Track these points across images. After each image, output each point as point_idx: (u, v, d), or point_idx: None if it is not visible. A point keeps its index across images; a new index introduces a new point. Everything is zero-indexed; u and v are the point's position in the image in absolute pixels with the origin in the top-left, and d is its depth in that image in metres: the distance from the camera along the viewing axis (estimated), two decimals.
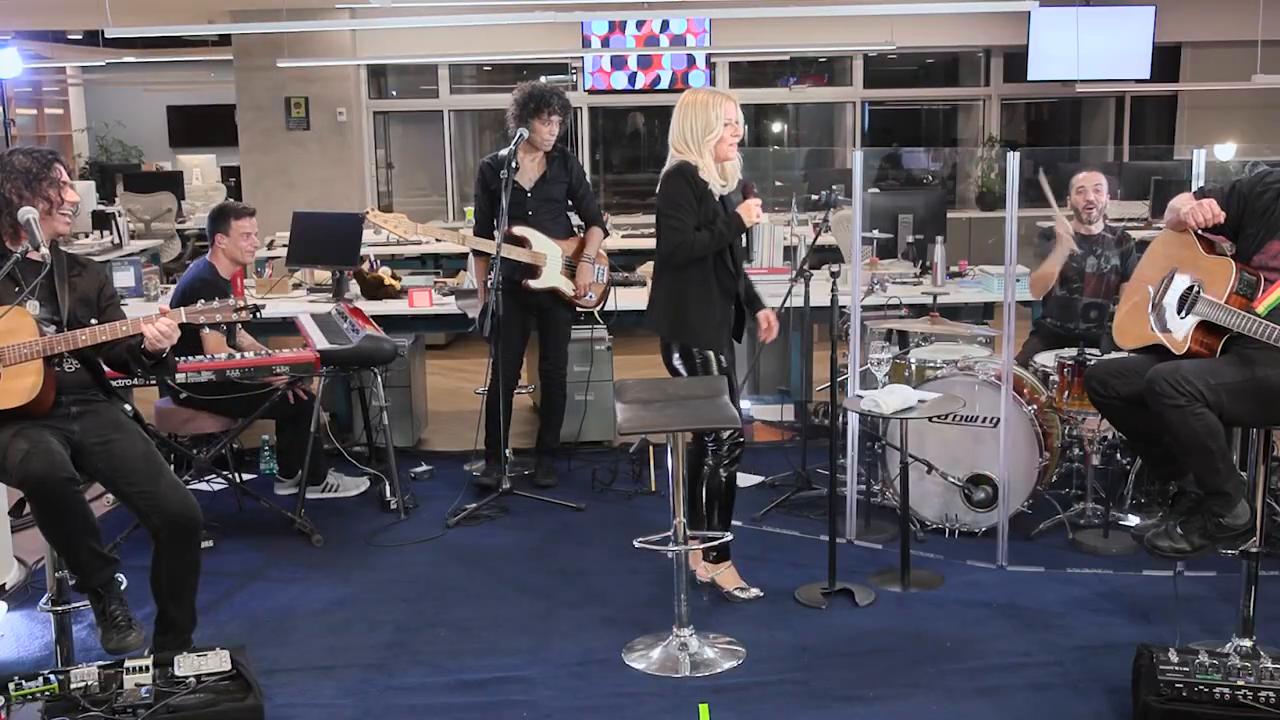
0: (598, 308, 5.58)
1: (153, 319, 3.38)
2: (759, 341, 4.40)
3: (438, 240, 5.49)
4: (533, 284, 5.31)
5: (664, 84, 10.66)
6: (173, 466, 4.40)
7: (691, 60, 10.58)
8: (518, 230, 5.23)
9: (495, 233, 5.11)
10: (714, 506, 4.19)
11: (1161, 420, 3.23)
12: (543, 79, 11.82)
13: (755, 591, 4.21)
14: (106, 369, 3.64)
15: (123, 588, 3.52)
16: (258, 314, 3.58)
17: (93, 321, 3.51)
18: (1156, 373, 3.20)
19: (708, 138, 4.02)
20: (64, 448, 3.39)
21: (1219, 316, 3.28)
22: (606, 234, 5.70)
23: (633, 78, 10.55)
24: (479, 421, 5.47)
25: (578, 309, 5.52)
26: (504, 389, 5.32)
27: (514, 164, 5.14)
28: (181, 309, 3.44)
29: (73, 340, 3.38)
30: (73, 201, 3.51)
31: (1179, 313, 3.40)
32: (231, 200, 5.17)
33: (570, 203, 5.49)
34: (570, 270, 5.41)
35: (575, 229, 5.55)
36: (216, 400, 4.78)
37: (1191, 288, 3.39)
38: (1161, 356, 3.42)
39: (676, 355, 4.13)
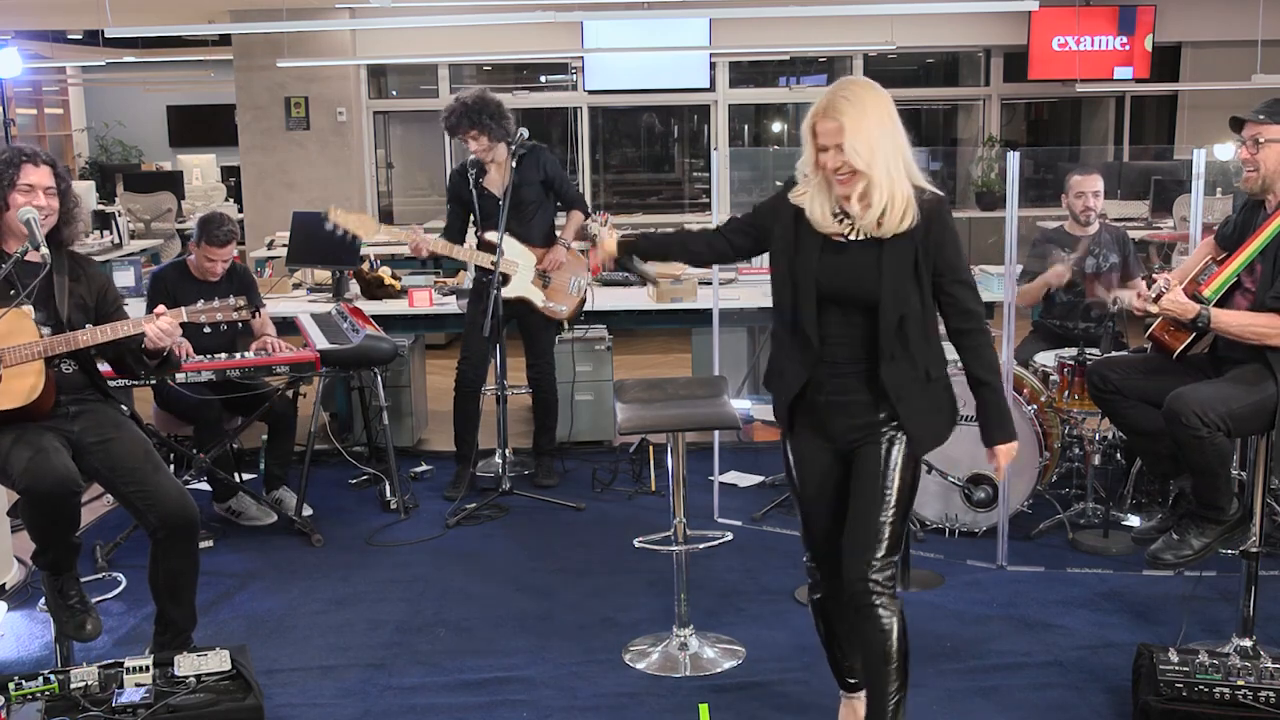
0: (567, 320, 5.46)
1: (153, 318, 3.38)
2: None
3: (400, 244, 5.42)
4: (504, 293, 5.15)
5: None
6: (172, 467, 4.40)
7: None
8: (490, 236, 5.16)
9: (476, 238, 5.16)
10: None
11: (1181, 446, 3.30)
12: (542, 79, 11.85)
13: None
14: (107, 369, 3.64)
15: (122, 588, 3.52)
16: (257, 313, 3.58)
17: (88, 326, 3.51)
18: (1183, 405, 3.23)
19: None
20: (67, 449, 3.39)
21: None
22: (588, 215, 5.53)
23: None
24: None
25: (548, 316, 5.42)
26: (465, 390, 5.32)
27: (477, 171, 5.12)
28: (182, 309, 3.45)
29: (73, 341, 3.38)
30: (37, 206, 3.40)
31: None
32: (222, 219, 4.91)
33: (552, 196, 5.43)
34: (543, 280, 5.35)
35: (557, 231, 5.47)
36: (192, 407, 4.77)
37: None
38: (1160, 353, 3.49)
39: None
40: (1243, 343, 3.31)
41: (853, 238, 2.85)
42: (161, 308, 3.43)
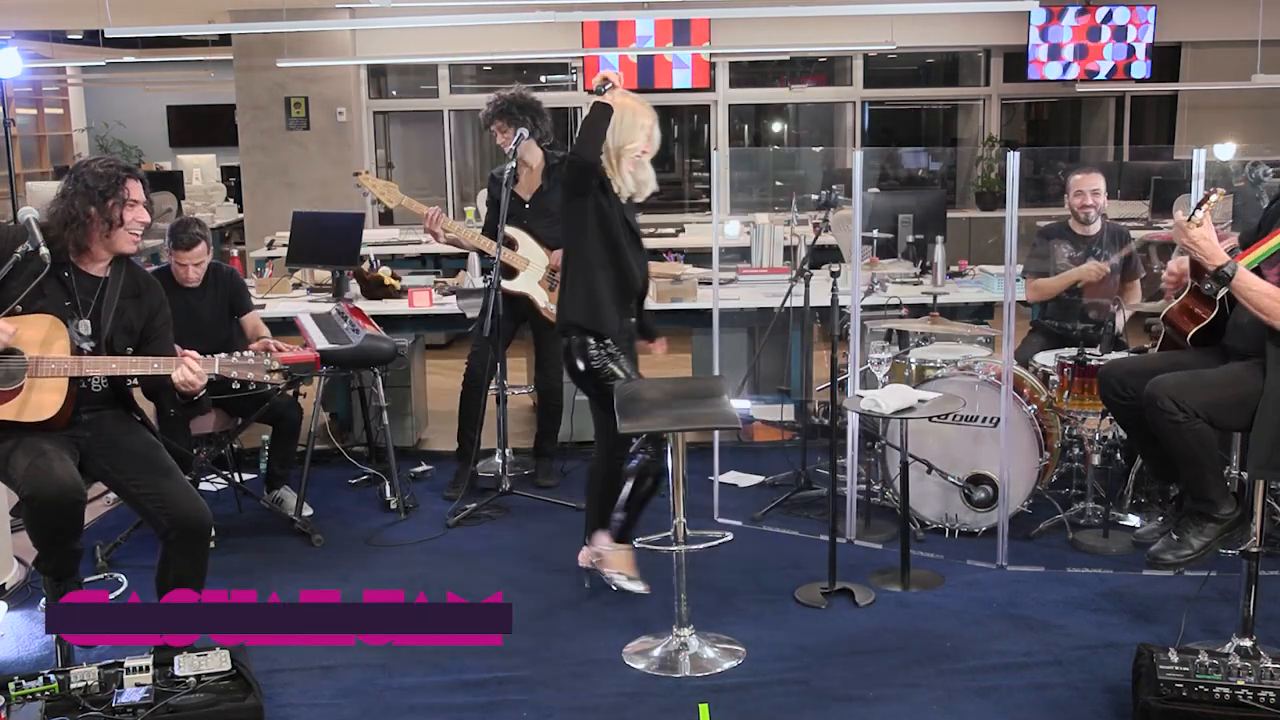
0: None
1: (182, 360, 3.36)
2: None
3: (420, 212, 5.51)
4: (507, 285, 5.20)
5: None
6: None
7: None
8: (510, 231, 5.22)
9: (518, 230, 5.21)
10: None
11: (1160, 433, 3.28)
12: (542, 79, 11.85)
13: (643, 587, 4.13)
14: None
15: (123, 588, 3.52)
16: (287, 380, 3.57)
17: (129, 350, 3.50)
18: (1160, 389, 3.22)
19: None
20: (74, 454, 3.38)
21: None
22: None
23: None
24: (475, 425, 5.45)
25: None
26: (472, 386, 5.35)
27: (510, 175, 5.16)
28: (215, 359, 3.40)
29: (103, 366, 3.37)
30: (141, 221, 3.48)
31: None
32: (188, 223, 4.97)
33: None
34: (550, 282, 5.37)
35: None
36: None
37: None
38: (1173, 337, 3.47)
39: None
40: (1251, 328, 3.26)
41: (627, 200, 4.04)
42: (194, 353, 3.40)
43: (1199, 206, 3.21)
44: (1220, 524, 3.37)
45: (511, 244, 5.25)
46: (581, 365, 4.05)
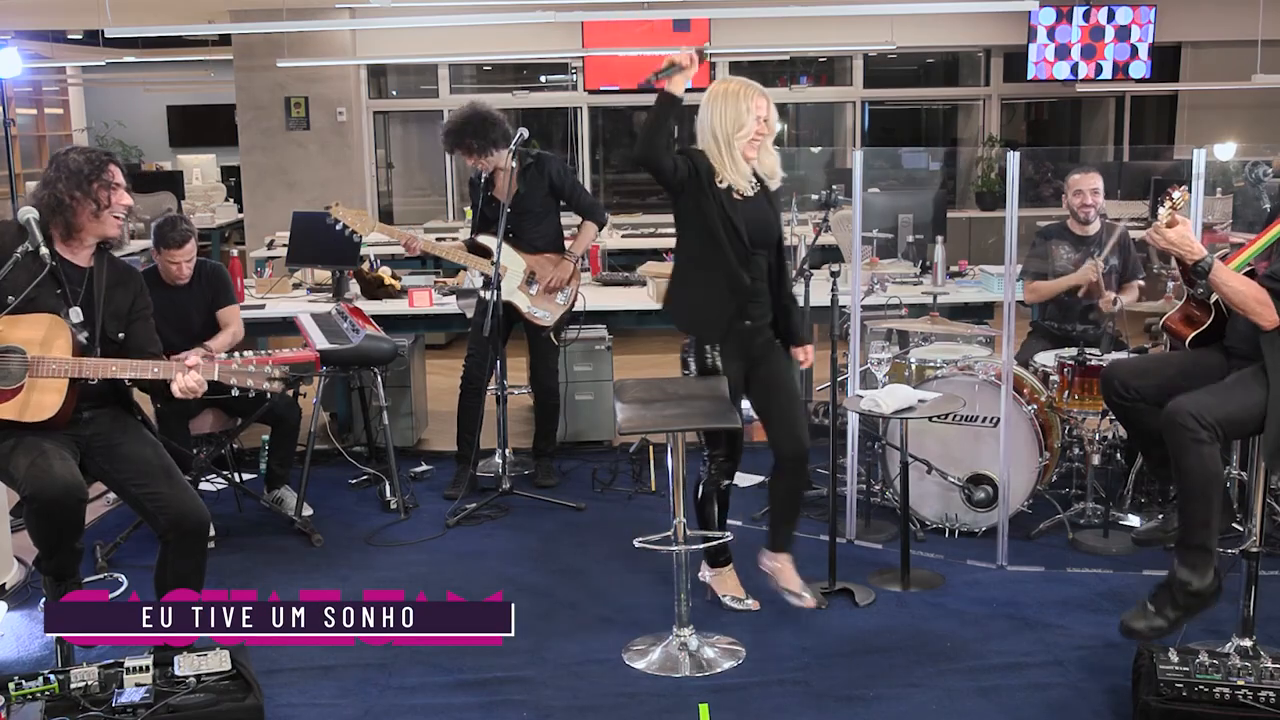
0: (549, 331, 5.43)
1: (184, 367, 3.36)
2: None
3: (399, 241, 5.42)
4: (487, 295, 5.16)
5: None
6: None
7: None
8: (482, 239, 5.21)
9: (494, 239, 5.15)
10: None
11: (1177, 455, 3.23)
12: (542, 79, 11.85)
13: (752, 603, 4.15)
14: None
15: (123, 588, 3.51)
16: (289, 386, 3.57)
17: (120, 335, 3.50)
18: (1180, 407, 3.20)
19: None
20: (74, 453, 3.38)
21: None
22: (602, 225, 5.55)
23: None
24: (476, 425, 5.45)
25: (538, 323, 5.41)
26: (470, 387, 5.36)
27: (487, 179, 5.17)
28: (215, 365, 3.40)
29: (103, 369, 3.37)
30: (124, 204, 3.49)
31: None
32: (175, 221, 4.92)
33: (563, 205, 5.46)
34: (531, 286, 5.33)
35: (566, 241, 5.48)
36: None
37: None
38: (1174, 341, 3.48)
39: None
40: (1247, 329, 3.27)
41: (747, 194, 3.84)
42: (194, 358, 3.40)
43: (1162, 206, 3.24)
44: (1199, 600, 3.29)
45: (485, 253, 5.18)
46: (689, 371, 4.05)
